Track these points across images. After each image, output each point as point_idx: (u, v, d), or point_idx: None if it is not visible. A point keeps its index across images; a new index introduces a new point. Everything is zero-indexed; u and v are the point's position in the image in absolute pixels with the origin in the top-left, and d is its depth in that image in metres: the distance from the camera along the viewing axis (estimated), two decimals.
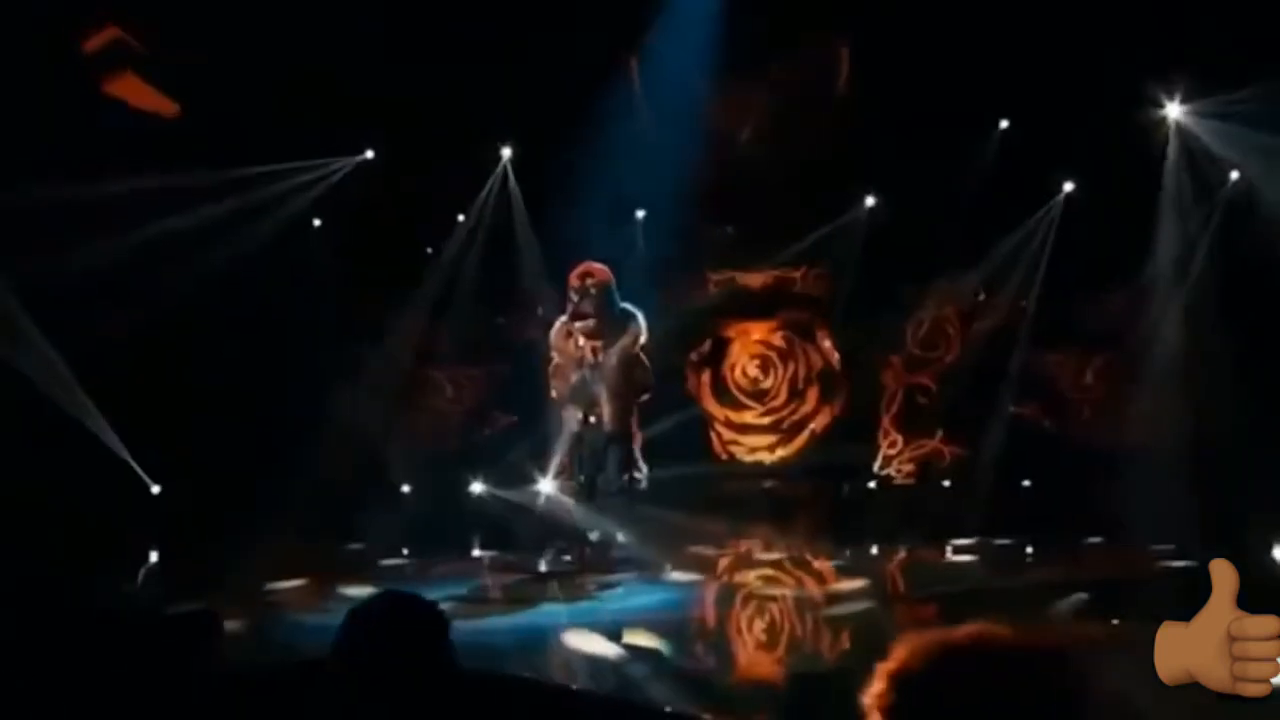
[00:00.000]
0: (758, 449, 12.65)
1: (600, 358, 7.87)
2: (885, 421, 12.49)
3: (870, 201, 12.32)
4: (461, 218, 12.16)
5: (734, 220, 12.16)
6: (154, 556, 9.05)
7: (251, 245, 10.79)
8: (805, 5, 11.54)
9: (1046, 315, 11.99)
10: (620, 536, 8.10)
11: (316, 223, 11.87)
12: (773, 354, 12.73)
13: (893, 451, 12.44)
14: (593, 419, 7.95)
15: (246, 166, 10.86)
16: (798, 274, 12.68)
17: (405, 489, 10.90)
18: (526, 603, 7.00)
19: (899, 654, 1.58)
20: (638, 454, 12.14)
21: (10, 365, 9.36)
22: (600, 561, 8.01)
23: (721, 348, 12.78)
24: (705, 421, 12.70)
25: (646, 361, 8.30)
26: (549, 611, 6.78)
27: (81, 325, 9.67)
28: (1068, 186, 11.96)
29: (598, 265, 8.06)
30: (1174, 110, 11.50)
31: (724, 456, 12.66)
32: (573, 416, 8.03)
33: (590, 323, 7.87)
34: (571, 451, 8.26)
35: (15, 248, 9.17)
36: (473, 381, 12.26)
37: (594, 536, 8.08)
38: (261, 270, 10.69)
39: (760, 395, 12.68)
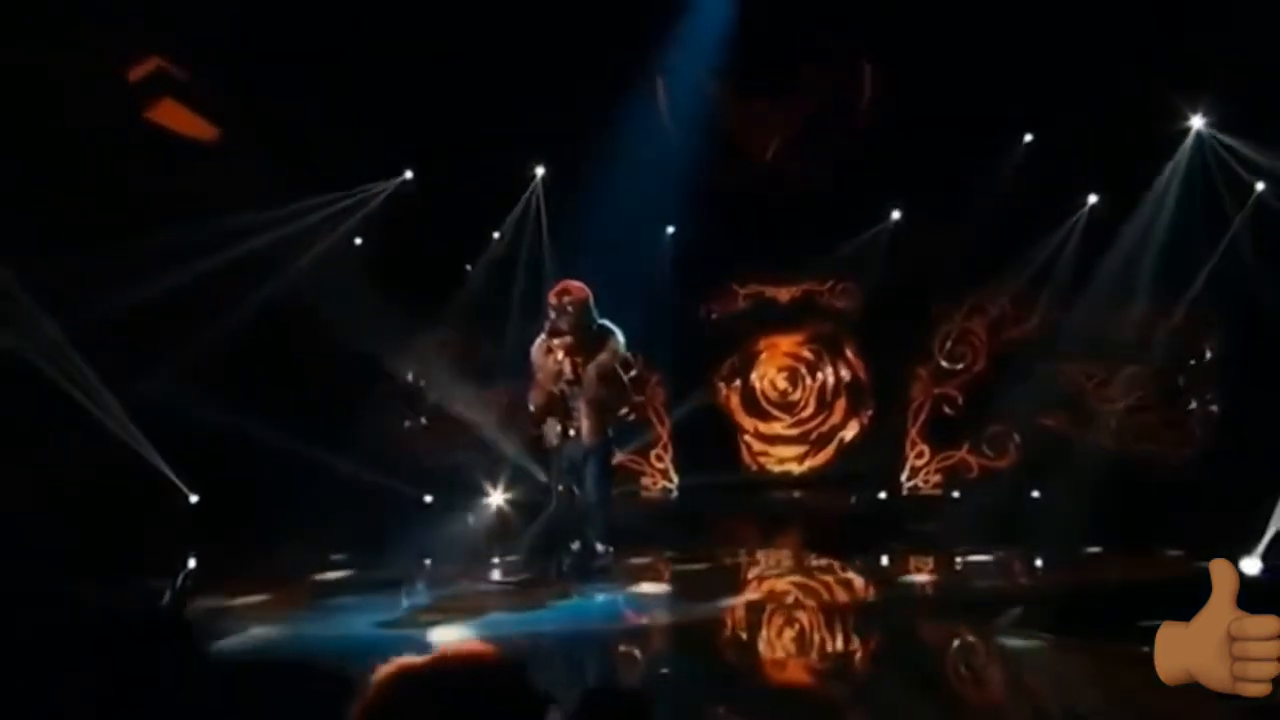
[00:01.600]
0: (787, 460, 12.82)
1: (579, 373, 8.12)
2: (912, 432, 12.60)
3: (896, 214, 12.44)
4: (496, 235, 12.44)
5: (761, 234, 12.28)
6: (192, 562, 9.40)
7: (297, 272, 11.16)
8: (828, 21, 11.70)
9: (1072, 326, 12.02)
10: (600, 547, 8.33)
11: (357, 241, 12.20)
12: (800, 366, 12.90)
13: (920, 462, 12.54)
14: (572, 432, 8.18)
15: (291, 201, 11.26)
16: (825, 287, 12.84)
17: (427, 499, 11.22)
18: (477, 612, 7.17)
19: (373, 678, 1.70)
20: (670, 467, 12.58)
21: (57, 388, 9.81)
22: (579, 572, 8.22)
23: (750, 360, 12.96)
24: (731, 425, 12.92)
25: (624, 376, 8.55)
26: (490, 621, 6.92)
27: (129, 353, 10.09)
28: (1092, 198, 11.99)
29: (575, 284, 8.28)
30: (1198, 121, 11.52)
31: (754, 467, 12.84)
32: (552, 430, 8.29)
33: (568, 339, 8.09)
34: (552, 465, 8.51)
35: (67, 283, 9.64)
36: (507, 396, 12.52)
37: (575, 547, 8.31)
38: (306, 293, 11.07)
39: (789, 407, 12.85)
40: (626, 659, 6.49)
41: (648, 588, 8.14)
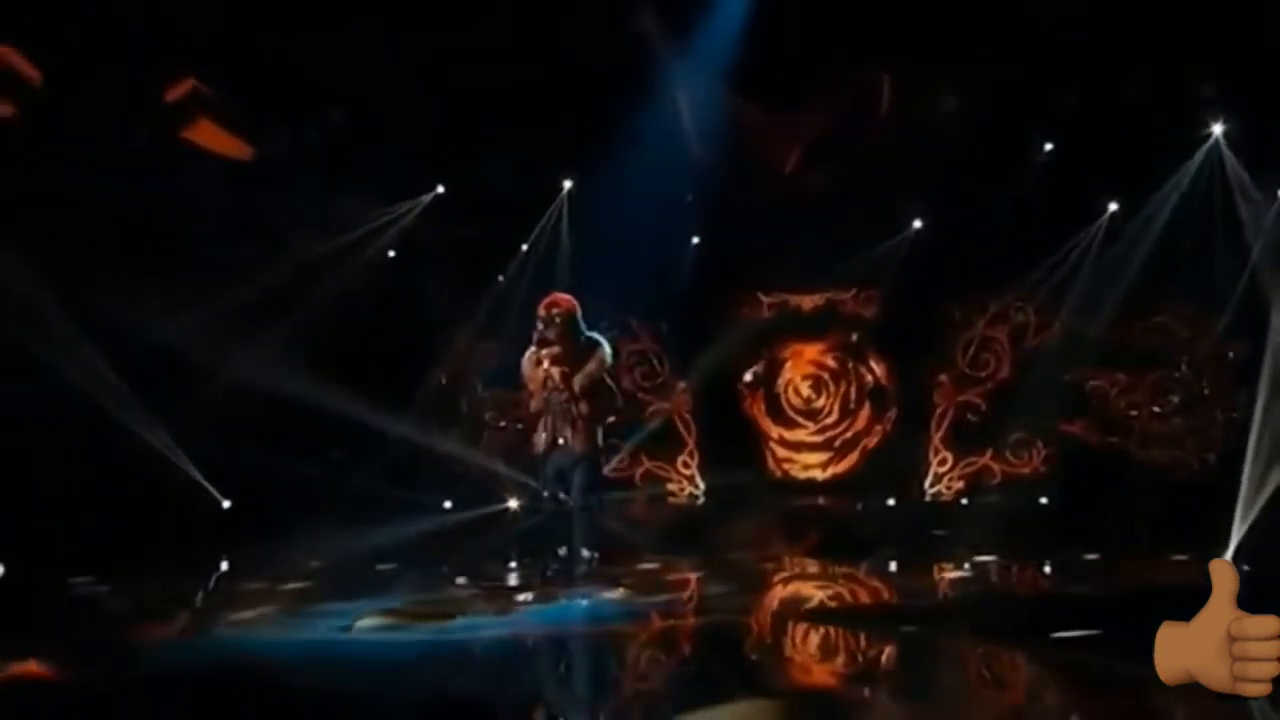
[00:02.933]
0: (811, 466, 12.98)
1: (567, 383, 8.37)
2: (936, 439, 12.70)
3: (918, 224, 12.55)
4: (525, 247, 12.71)
5: (784, 243, 12.45)
6: (225, 565, 9.74)
7: (336, 288, 11.53)
8: (846, 30, 11.81)
9: (1094, 334, 12.06)
10: (586, 553, 8.55)
11: (391, 254, 12.53)
12: (824, 374, 13.05)
13: (943, 469, 12.63)
14: (561, 441, 8.42)
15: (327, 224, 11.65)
16: (848, 295, 12.99)
17: (447, 504, 11.50)
18: (445, 617, 7.32)
19: None
20: (697, 474, 12.79)
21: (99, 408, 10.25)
22: (564, 577, 8.40)
23: (775, 368, 13.13)
24: (756, 432, 13.11)
25: (613, 385, 8.77)
26: (460, 625, 7.02)
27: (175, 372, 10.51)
28: (1112, 206, 12.02)
29: (563, 296, 8.54)
30: (1219, 129, 11.50)
31: (778, 474, 13.02)
32: (541, 439, 8.54)
33: (555, 350, 8.32)
34: (540, 472, 8.76)
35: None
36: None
37: (562, 552, 8.54)
38: (343, 304, 11.42)
39: (813, 414, 13.00)
40: (580, 664, 6.63)
41: (634, 594, 8.25)
